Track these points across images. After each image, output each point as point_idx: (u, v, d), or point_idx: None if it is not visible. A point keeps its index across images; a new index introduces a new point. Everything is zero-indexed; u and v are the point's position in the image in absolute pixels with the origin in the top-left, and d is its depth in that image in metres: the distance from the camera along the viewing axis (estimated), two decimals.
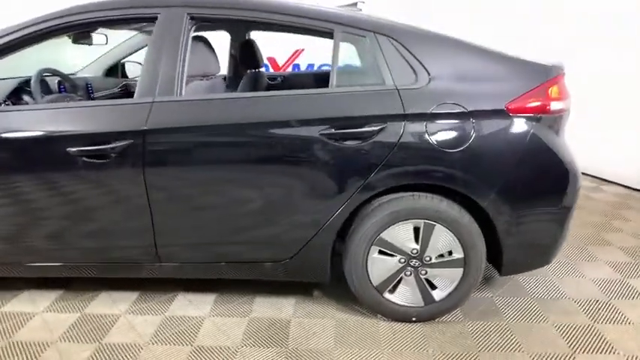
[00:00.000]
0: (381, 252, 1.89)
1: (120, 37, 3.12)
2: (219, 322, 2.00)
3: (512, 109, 1.74)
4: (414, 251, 1.87)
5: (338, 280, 2.01)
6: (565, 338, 1.88)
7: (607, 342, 1.86)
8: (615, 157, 3.97)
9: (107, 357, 1.77)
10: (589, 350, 1.81)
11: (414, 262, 1.89)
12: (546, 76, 1.79)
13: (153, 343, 1.86)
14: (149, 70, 1.82)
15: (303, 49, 5.88)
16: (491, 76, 1.80)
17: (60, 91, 2.57)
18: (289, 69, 5.89)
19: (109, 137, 1.78)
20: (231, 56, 3.19)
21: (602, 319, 2.01)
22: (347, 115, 1.75)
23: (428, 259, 1.88)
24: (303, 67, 5.97)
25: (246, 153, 1.80)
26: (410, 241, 1.87)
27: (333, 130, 1.74)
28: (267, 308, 2.09)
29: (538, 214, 1.84)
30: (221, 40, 2.88)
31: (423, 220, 1.83)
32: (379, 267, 1.91)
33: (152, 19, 1.87)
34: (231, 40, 3.14)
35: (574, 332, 1.92)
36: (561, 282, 2.32)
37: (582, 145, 2.54)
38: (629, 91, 3.73)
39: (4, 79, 2.48)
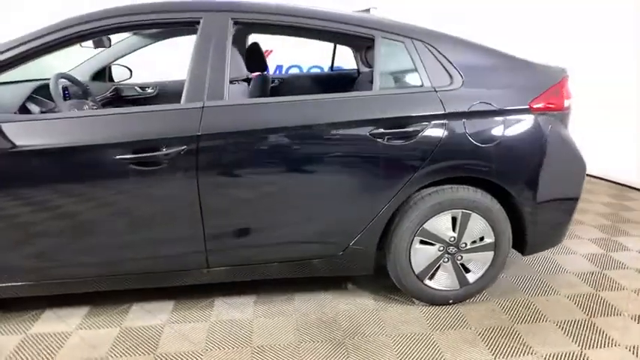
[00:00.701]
0: (422, 242, 2.04)
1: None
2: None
3: (534, 108, 1.97)
4: (452, 239, 2.04)
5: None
6: (579, 306, 2.16)
7: (612, 306, 2.15)
8: None
9: None
10: (601, 314, 2.09)
11: (451, 249, 2.06)
12: (558, 78, 2.04)
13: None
14: (196, 75, 1.81)
15: (272, 50, 5.90)
16: (513, 78, 2.01)
17: (65, 97, 2.43)
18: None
19: (160, 143, 1.75)
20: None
21: (602, 288, 2.31)
22: (394, 115, 1.88)
23: (464, 245, 2.06)
24: (272, 69, 5.99)
25: (300, 155, 1.86)
26: (449, 230, 2.03)
27: (381, 129, 1.86)
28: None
29: (555, 198, 2.08)
30: None
31: (460, 210, 2.00)
32: (421, 256, 2.05)
33: (193, 24, 1.86)
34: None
35: (584, 300, 2.20)
36: (558, 259, 2.62)
37: None
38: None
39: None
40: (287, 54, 5.78)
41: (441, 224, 2.02)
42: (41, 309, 2.11)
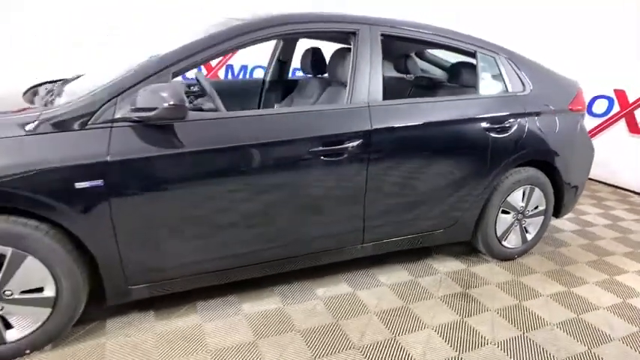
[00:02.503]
0: (503, 211, 2.64)
1: None
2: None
3: (571, 108, 2.72)
4: (521, 208, 2.69)
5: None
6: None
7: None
8: None
9: None
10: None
11: (519, 216, 2.71)
12: (577, 87, 2.83)
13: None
14: (360, 78, 2.12)
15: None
16: (556, 87, 2.74)
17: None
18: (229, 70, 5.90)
19: (342, 138, 2.02)
20: (278, 61, 3.37)
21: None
22: (498, 114, 2.43)
23: (527, 212, 2.72)
24: (237, 68, 6.05)
25: (438, 146, 2.29)
26: (520, 201, 2.67)
27: (489, 124, 2.40)
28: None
29: (579, 171, 2.87)
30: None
31: (529, 185, 2.65)
32: (502, 223, 2.66)
33: (351, 34, 2.16)
34: (282, 47, 3.31)
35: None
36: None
37: None
38: None
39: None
40: (250, 55, 5.91)
41: (517, 197, 2.64)
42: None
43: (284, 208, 2.00)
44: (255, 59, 6.03)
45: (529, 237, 2.81)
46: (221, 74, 5.86)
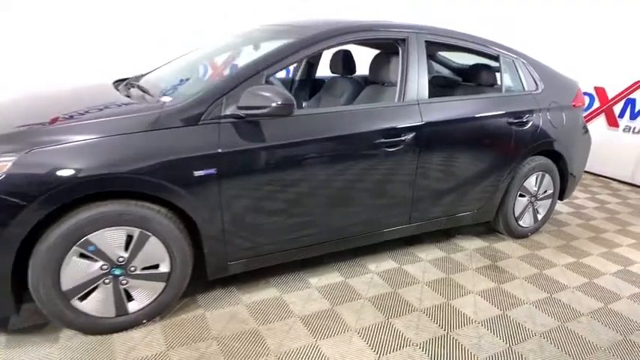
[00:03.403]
0: (520, 195, 3.04)
1: None
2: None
3: (574, 105, 3.15)
4: (534, 192, 3.09)
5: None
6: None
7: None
8: None
9: None
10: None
11: (532, 199, 3.11)
12: (577, 85, 3.27)
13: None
14: (412, 79, 2.44)
15: None
16: (560, 85, 3.16)
17: None
18: None
19: (399, 131, 2.35)
20: (307, 62, 3.65)
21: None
22: (518, 109, 2.82)
23: (539, 195, 3.14)
24: None
25: (472, 138, 2.65)
26: (534, 186, 3.07)
27: (512, 119, 2.78)
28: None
29: (580, 160, 3.31)
30: None
31: (541, 172, 3.06)
32: (519, 205, 3.06)
33: (401, 40, 2.47)
34: None
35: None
36: None
37: None
38: None
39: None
40: None
41: (531, 182, 3.05)
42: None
43: (356, 190, 2.31)
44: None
45: (539, 217, 3.23)
46: None
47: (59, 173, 1.62)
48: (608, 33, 4.81)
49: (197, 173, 1.85)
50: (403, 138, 2.35)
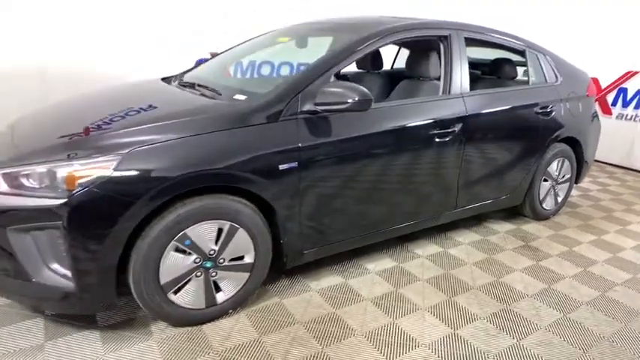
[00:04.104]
0: (544, 180, 3.26)
1: None
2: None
3: (588, 94, 3.39)
4: (556, 176, 3.32)
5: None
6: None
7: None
8: None
9: None
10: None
11: (554, 183, 3.34)
12: (588, 77, 3.52)
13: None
14: (456, 73, 2.60)
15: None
16: (576, 77, 3.39)
17: None
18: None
19: (449, 122, 2.50)
20: None
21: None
22: (543, 100, 3.02)
23: (560, 179, 3.37)
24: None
25: (508, 127, 2.84)
26: (555, 171, 3.30)
27: (539, 109, 2.99)
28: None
29: (593, 146, 3.57)
30: None
31: (562, 157, 3.29)
32: (543, 189, 3.28)
33: (444, 38, 2.62)
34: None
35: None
36: None
37: None
38: None
39: None
40: None
41: (554, 167, 3.27)
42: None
43: (415, 179, 2.46)
44: None
45: (559, 200, 3.47)
46: None
47: (162, 171, 1.69)
48: (601, 25, 5.12)
49: (281, 167, 1.95)
50: (453, 129, 2.51)
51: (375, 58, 3.41)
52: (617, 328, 2.14)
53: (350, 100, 1.95)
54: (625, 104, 5.10)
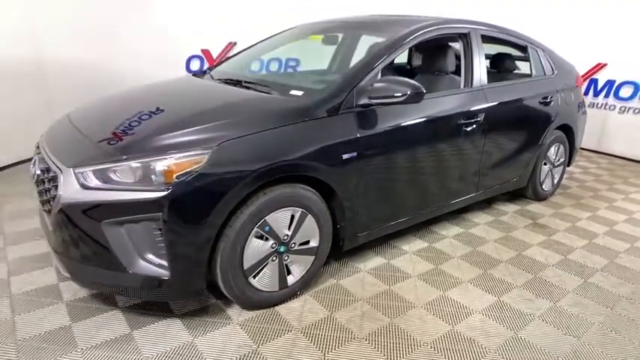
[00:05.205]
0: (544, 164, 3.59)
1: None
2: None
3: (577, 85, 3.76)
4: (553, 159, 3.67)
5: None
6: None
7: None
8: None
9: None
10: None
11: (551, 166, 3.69)
12: (575, 68, 3.89)
13: None
14: (476, 67, 2.84)
15: (235, 42, 6.23)
16: (567, 70, 3.74)
17: None
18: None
19: (475, 113, 2.74)
20: (343, 52, 3.92)
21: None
22: (544, 91, 3.34)
23: (556, 163, 3.72)
24: None
25: (519, 116, 3.13)
26: (553, 155, 3.64)
27: (542, 99, 3.30)
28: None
29: (581, 132, 3.95)
30: None
31: (559, 143, 3.64)
32: (543, 172, 3.61)
33: (464, 35, 2.86)
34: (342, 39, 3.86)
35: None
36: None
37: None
38: None
39: None
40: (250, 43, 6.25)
41: (552, 152, 3.61)
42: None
43: (449, 164, 2.71)
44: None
45: (555, 182, 3.82)
46: None
47: (248, 162, 1.82)
48: (572, 19, 5.56)
49: (345, 156, 2.11)
50: (478, 119, 2.75)
51: None
52: (630, 288, 2.46)
53: (406, 93, 2.13)
54: (596, 94, 5.59)
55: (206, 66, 5.90)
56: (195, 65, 5.83)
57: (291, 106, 2.07)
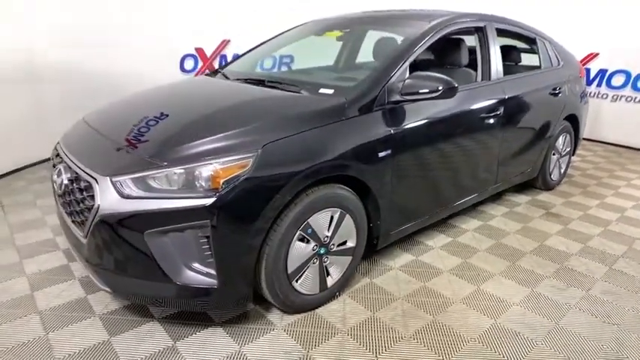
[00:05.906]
0: (553, 154, 3.65)
1: None
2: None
3: (580, 75, 3.83)
4: (561, 150, 3.73)
5: None
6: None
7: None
8: None
9: None
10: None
11: (559, 156, 3.75)
12: (576, 58, 3.96)
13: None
14: (493, 61, 2.85)
15: (229, 40, 6.12)
16: (571, 61, 3.81)
17: None
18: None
19: (495, 106, 2.76)
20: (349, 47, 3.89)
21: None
22: (554, 82, 3.39)
23: (563, 153, 3.78)
24: (229, 58, 6.20)
25: (533, 107, 3.15)
26: (561, 145, 3.70)
27: (552, 90, 3.35)
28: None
29: (584, 120, 4.02)
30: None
31: (567, 133, 3.70)
32: (552, 162, 3.67)
33: (480, 29, 2.86)
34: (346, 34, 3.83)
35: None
36: None
37: None
38: None
39: None
40: (245, 43, 6.14)
41: (560, 142, 3.67)
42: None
43: (475, 157, 2.75)
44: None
45: (561, 171, 3.89)
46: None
47: (293, 164, 1.77)
48: (564, 10, 5.66)
49: (380, 154, 2.09)
50: (498, 112, 2.77)
51: None
52: None
53: (439, 89, 2.11)
54: (588, 83, 5.71)
55: (200, 65, 5.79)
56: (189, 64, 5.71)
57: (327, 106, 2.03)
